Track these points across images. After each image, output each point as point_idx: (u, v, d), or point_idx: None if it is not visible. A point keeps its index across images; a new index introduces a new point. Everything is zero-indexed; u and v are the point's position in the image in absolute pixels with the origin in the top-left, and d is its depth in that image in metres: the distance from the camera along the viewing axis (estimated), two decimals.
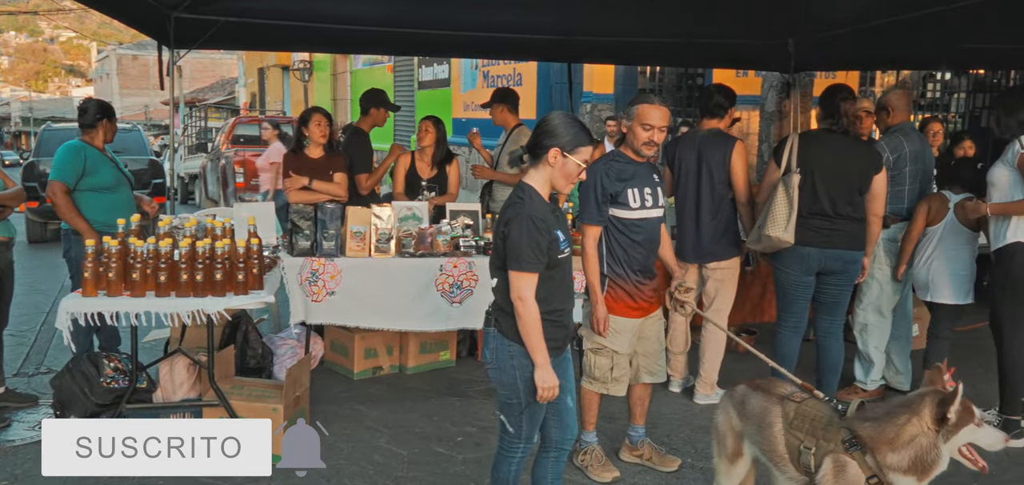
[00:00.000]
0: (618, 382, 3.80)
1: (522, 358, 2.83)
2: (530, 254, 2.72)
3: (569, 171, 2.82)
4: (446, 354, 5.51)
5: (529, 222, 2.73)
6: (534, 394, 2.84)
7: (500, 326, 2.86)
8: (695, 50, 7.00)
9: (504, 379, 2.88)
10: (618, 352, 3.73)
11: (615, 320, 3.69)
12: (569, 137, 2.80)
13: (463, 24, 6.09)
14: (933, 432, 2.55)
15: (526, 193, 2.82)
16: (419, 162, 5.69)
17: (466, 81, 13.47)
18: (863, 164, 4.23)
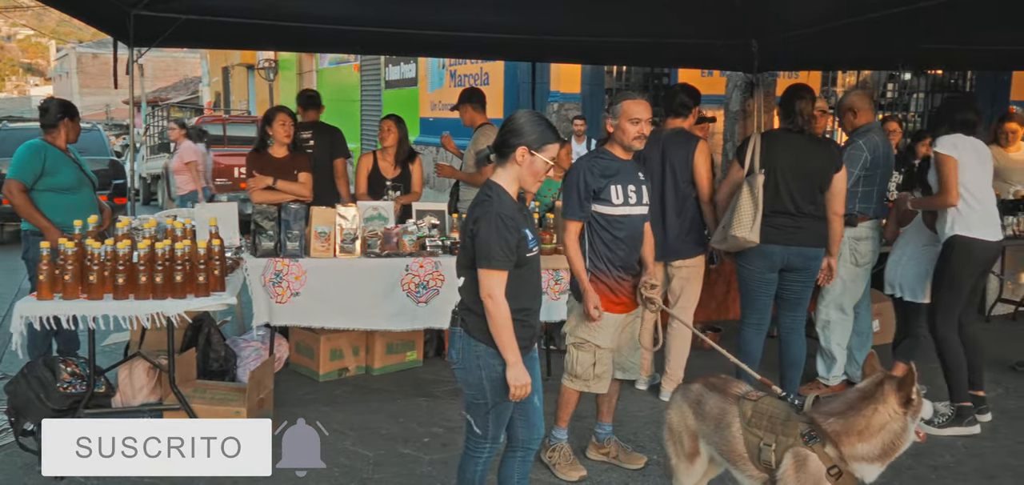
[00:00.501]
0: (600, 379, 3.80)
1: (488, 358, 2.82)
2: (500, 252, 2.71)
3: (537, 169, 2.82)
4: (413, 354, 5.48)
5: (498, 220, 2.72)
6: (500, 394, 2.84)
7: (466, 326, 2.85)
8: (661, 50, 7.06)
9: (470, 379, 2.88)
10: (601, 347, 3.73)
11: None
12: (536, 135, 2.80)
13: (430, 23, 6.07)
14: (903, 415, 2.63)
15: (494, 191, 2.81)
16: (382, 162, 5.66)
17: (433, 80, 13.43)
18: (823, 163, 4.29)
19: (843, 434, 2.66)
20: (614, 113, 3.67)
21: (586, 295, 3.64)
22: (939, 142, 4.28)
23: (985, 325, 6.67)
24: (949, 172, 4.21)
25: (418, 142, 12.99)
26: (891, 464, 2.72)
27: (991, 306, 6.83)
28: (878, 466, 2.66)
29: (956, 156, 4.21)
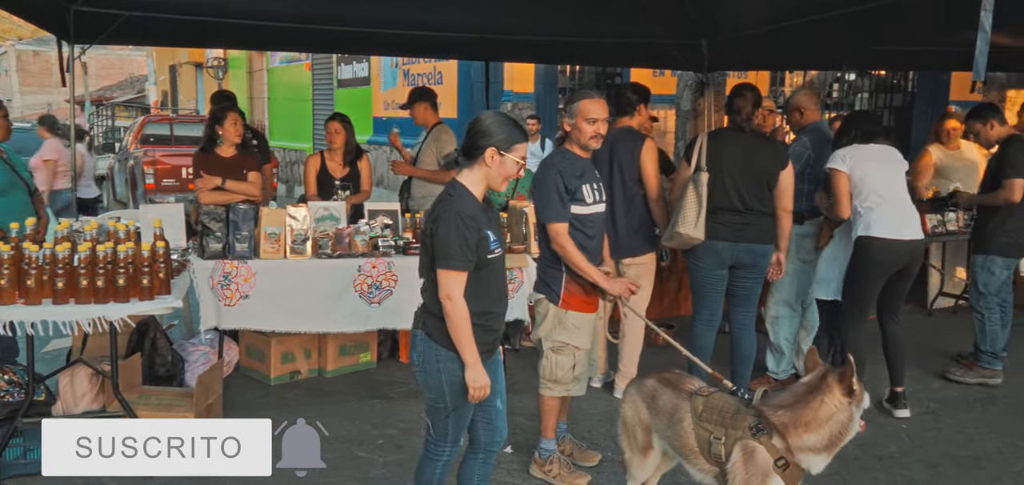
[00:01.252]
0: (578, 381, 3.79)
1: (449, 362, 2.79)
2: (458, 252, 2.67)
3: (507, 170, 2.79)
4: (367, 356, 5.42)
5: (457, 218, 2.68)
6: (461, 397, 2.81)
7: (427, 328, 2.82)
8: (613, 50, 7.11)
9: (430, 382, 2.85)
10: (579, 348, 3.73)
11: (574, 316, 3.69)
12: (504, 135, 2.77)
13: (382, 22, 6.01)
14: (849, 405, 2.70)
15: (457, 191, 2.77)
16: (329, 162, 5.59)
17: (386, 80, 13.32)
18: (770, 161, 4.37)
19: (791, 426, 2.71)
20: (570, 112, 3.68)
21: (609, 285, 3.65)
22: (832, 158, 4.43)
23: (927, 317, 6.88)
24: (839, 186, 4.39)
25: (372, 141, 12.89)
26: (838, 454, 2.79)
27: (933, 299, 7.03)
28: (824, 456, 2.72)
29: (846, 169, 4.37)
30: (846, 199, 4.41)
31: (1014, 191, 4.89)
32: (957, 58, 7.52)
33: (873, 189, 4.36)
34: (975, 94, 10.16)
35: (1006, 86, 10.94)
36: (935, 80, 11.23)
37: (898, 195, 4.41)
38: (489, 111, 2.92)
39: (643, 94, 4.79)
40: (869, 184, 4.36)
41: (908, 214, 4.41)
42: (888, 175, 4.40)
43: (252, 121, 19.56)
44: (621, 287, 3.65)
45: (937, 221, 6.17)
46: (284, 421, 4.44)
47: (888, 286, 4.48)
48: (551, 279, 3.69)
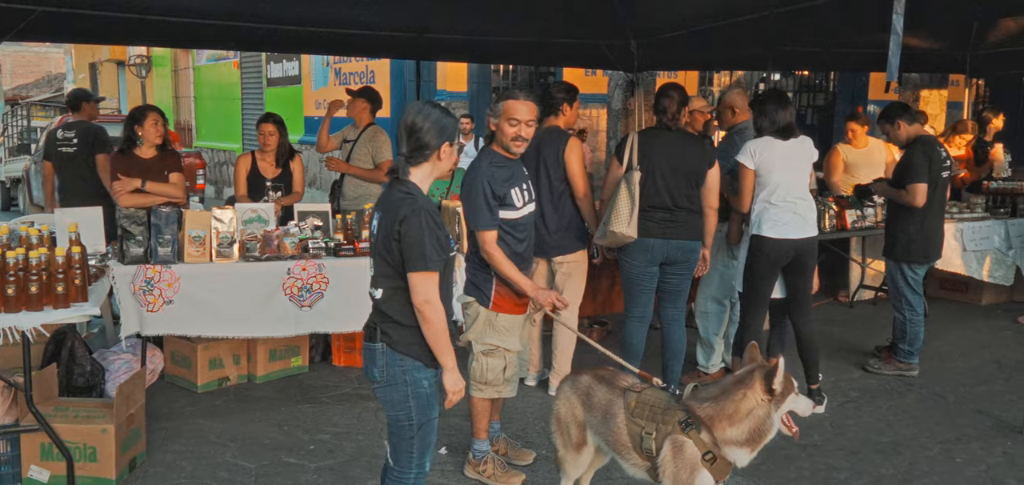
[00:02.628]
0: (509, 383, 3.77)
1: (415, 372, 2.71)
2: (434, 252, 2.60)
3: (455, 159, 2.79)
4: (298, 360, 5.32)
5: (428, 217, 2.61)
6: (425, 412, 2.75)
7: (390, 340, 2.71)
8: (545, 49, 7.14)
9: (395, 397, 2.75)
10: (510, 350, 3.71)
11: (505, 318, 3.68)
12: (450, 125, 2.74)
13: (311, 19, 5.89)
14: (767, 403, 2.75)
15: (415, 190, 2.69)
16: (261, 162, 5.47)
17: (317, 78, 13.12)
18: (697, 159, 4.45)
19: (715, 419, 2.77)
20: (495, 112, 3.64)
21: (537, 294, 3.60)
22: (742, 152, 4.49)
23: (849, 310, 7.13)
24: (745, 182, 4.48)
25: (304, 141, 12.66)
26: (766, 445, 2.85)
27: (854, 292, 7.29)
28: (747, 451, 2.78)
29: (752, 167, 4.44)
30: (749, 196, 4.50)
31: (916, 196, 5.06)
32: (873, 59, 7.85)
33: (773, 189, 4.43)
34: (890, 94, 10.57)
35: (920, 86, 11.42)
36: (854, 80, 11.65)
37: (797, 194, 4.45)
38: (416, 104, 2.82)
39: (570, 93, 4.79)
40: (771, 183, 4.44)
41: (802, 213, 4.46)
42: (791, 175, 4.45)
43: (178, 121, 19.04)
44: (549, 298, 3.60)
45: (856, 216, 6.41)
46: (214, 428, 4.36)
47: (788, 281, 4.61)
48: (481, 282, 3.67)
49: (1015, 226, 6.81)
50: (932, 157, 5.12)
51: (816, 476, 3.94)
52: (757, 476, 3.84)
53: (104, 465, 3.66)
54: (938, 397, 5.02)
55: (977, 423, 4.60)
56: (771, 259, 4.49)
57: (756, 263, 4.53)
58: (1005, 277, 6.86)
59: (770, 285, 4.58)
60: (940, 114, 11.64)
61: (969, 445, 4.31)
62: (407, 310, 2.66)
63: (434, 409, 2.81)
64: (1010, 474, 3.98)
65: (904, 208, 5.17)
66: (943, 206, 5.37)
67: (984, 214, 6.86)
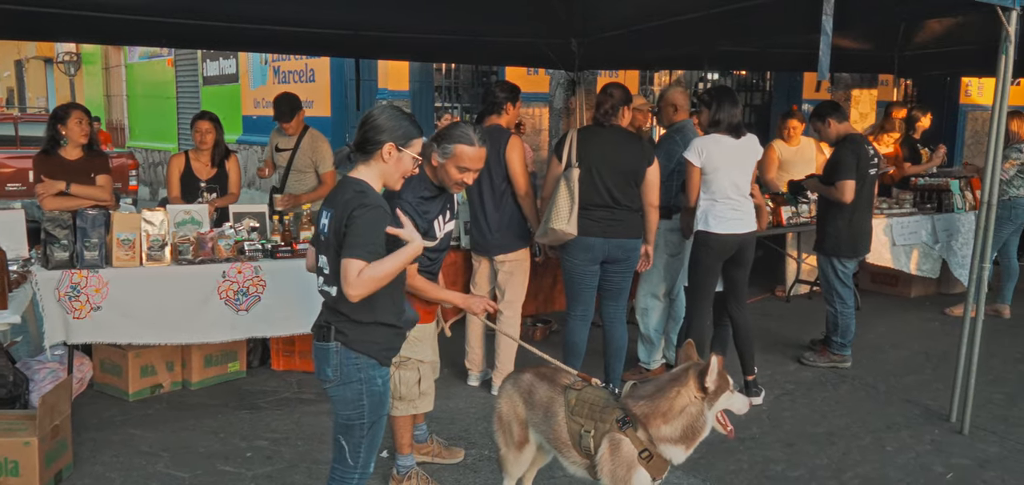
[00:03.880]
0: (426, 396, 3.71)
1: (370, 370, 2.69)
2: (372, 243, 2.52)
3: (405, 166, 2.70)
4: (235, 365, 5.19)
5: (384, 215, 2.56)
6: (377, 411, 2.73)
7: (344, 338, 2.66)
8: (487, 47, 7.12)
9: (348, 395, 2.71)
10: (424, 361, 3.66)
11: (417, 328, 3.55)
12: (402, 130, 2.67)
13: (248, 16, 5.75)
14: (700, 400, 2.77)
15: (364, 186, 2.64)
16: (195, 162, 5.32)
17: (255, 77, 12.83)
18: (635, 158, 4.48)
19: (650, 416, 2.79)
20: (443, 150, 3.25)
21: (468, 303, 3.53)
22: (689, 148, 4.56)
23: (785, 304, 7.29)
24: (692, 178, 4.56)
25: (242, 141, 12.39)
26: (704, 439, 2.87)
27: (790, 287, 7.46)
28: (682, 448, 2.79)
29: (699, 164, 4.52)
30: (696, 191, 4.57)
31: (844, 192, 5.20)
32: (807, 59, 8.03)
33: (718, 186, 4.52)
34: (822, 93, 10.87)
35: (851, 86, 11.74)
36: (789, 80, 11.91)
37: (740, 191, 4.57)
38: (383, 104, 2.81)
39: (511, 92, 4.78)
40: (716, 181, 4.52)
41: (744, 210, 4.60)
42: (736, 173, 4.54)
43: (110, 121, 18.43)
44: (481, 306, 3.55)
45: (792, 212, 6.56)
46: (146, 438, 4.22)
47: (728, 274, 4.71)
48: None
49: (941, 221, 7.06)
50: (860, 155, 5.26)
51: (754, 468, 4.02)
52: (696, 470, 3.89)
53: (27, 479, 3.50)
54: (870, 388, 5.17)
55: (906, 412, 4.75)
56: (716, 254, 4.58)
57: (702, 258, 4.61)
58: (932, 270, 7.11)
59: (715, 279, 4.67)
60: (870, 113, 12.00)
61: (899, 434, 4.44)
62: (362, 307, 2.62)
63: (386, 407, 2.80)
64: (937, 461, 4.12)
65: (834, 204, 5.31)
66: (871, 202, 5.53)
67: (912, 210, 7.10)
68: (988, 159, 4.24)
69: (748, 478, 3.92)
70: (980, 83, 12.86)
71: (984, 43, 4.55)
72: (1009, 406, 4.85)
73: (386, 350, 2.75)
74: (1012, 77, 4.11)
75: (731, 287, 4.75)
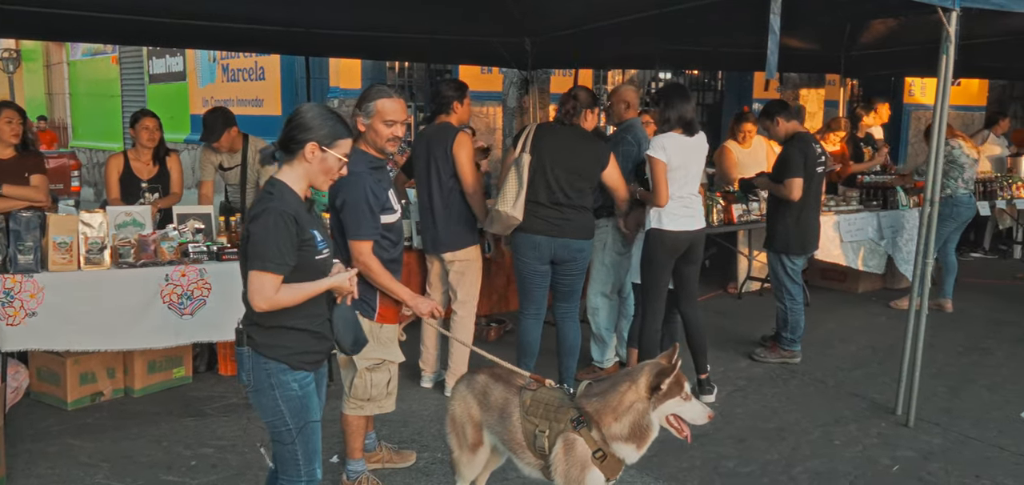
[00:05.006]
0: (391, 396, 3.66)
1: (281, 375, 2.60)
2: (276, 253, 2.47)
3: (329, 166, 2.61)
4: (181, 371, 5.05)
5: (278, 217, 2.48)
6: (301, 415, 2.63)
7: (254, 343, 2.59)
8: (440, 46, 7.06)
9: (265, 404, 2.63)
10: (394, 362, 3.61)
11: (389, 329, 3.56)
12: (327, 130, 2.59)
13: (195, 12, 5.58)
14: (646, 400, 2.74)
15: (276, 189, 2.56)
16: (134, 162, 5.16)
17: (204, 75, 12.55)
18: (589, 160, 4.45)
19: (602, 413, 2.77)
20: (366, 111, 3.39)
21: (416, 304, 3.49)
22: (653, 145, 4.54)
23: (737, 301, 7.38)
24: (660, 174, 4.51)
25: (190, 141, 12.12)
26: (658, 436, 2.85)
27: (742, 284, 7.55)
28: (634, 447, 2.77)
29: (665, 159, 4.50)
30: (665, 187, 4.53)
31: (792, 190, 5.27)
32: (757, 59, 8.14)
33: (673, 184, 4.53)
34: (771, 92, 11.04)
35: (799, 85, 11.96)
36: (741, 79, 12.08)
37: (692, 190, 4.62)
38: (311, 103, 2.74)
39: (459, 90, 4.74)
40: (673, 179, 4.54)
41: (694, 207, 4.65)
42: (691, 171, 4.59)
43: (53, 120, 17.86)
44: (428, 307, 3.52)
45: (743, 210, 6.64)
46: (85, 448, 4.07)
47: (679, 271, 4.74)
48: (363, 292, 3.44)
49: (886, 217, 7.21)
50: (807, 153, 5.34)
51: (706, 465, 4.04)
52: (649, 468, 3.89)
53: None
54: (819, 382, 5.25)
55: (854, 406, 4.83)
56: (670, 251, 4.60)
57: (655, 255, 4.61)
58: (878, 266, 7.26)
59: (668, 276, 4.68)
60: (818, 112, 12.23)
61: (847, 427, 4.51)
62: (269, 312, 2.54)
63: (311, 412, 2.69)
64: (884, 454, 4.19)
65: (783, 202, 5.38)
66: (819, 200, 5.62)
67: (859, 207, 7.24)
68: (930, 157, 4.33)
69: (700, 475, 3.94)
70: (923, 83, 13.22)
71: (926, 43, 4.65)
72: (951, 398, 4.97)
73: (299, 354, 2.64)
74: (953, 77, 4.20)
75: (682, 285, 4.77)
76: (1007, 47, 6.30)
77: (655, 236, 4.61)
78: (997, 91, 14.24)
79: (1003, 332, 6.36)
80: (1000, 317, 6.79)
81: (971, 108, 13.84)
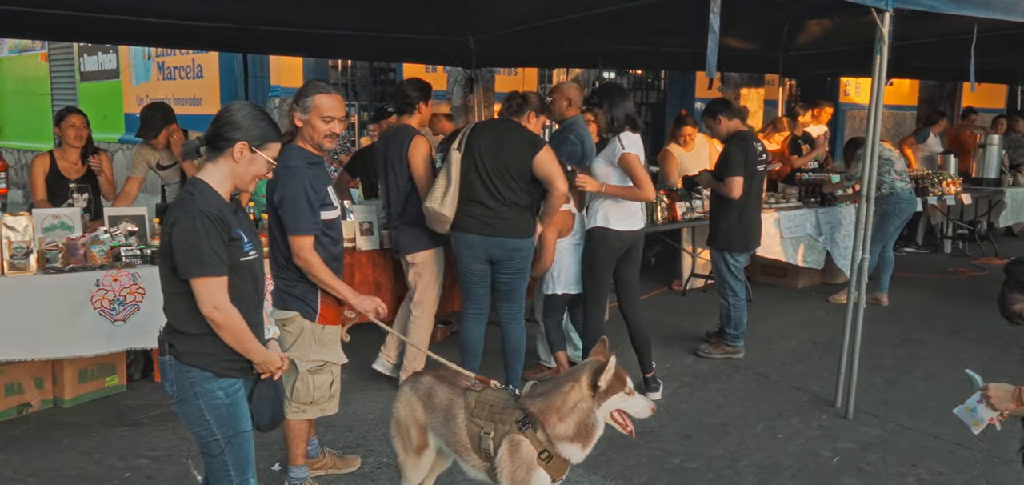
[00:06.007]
0: (334, 398, 3.59)
1: (205, 383, 2.50)
2: (210, 256, 2.39)
3: (257, 168, 2.54)
4: (114, 379, 4.87)
5: (201, 218, 2.39)
6: (228, 425, 2.54)
7: (176, 351, 2.49)
8: (383, 44, 6.97)
9: (191, 414, 2.54)
10: (337, 363, 3.54)
11: (331, 330, 3.48)
12: (258, 131, 2.52)
13: (128, 8, 5.38)
14: (590, 398, 2.74)
15: (197, 188, 2.48)
16: (61, 162, 4.96)
17: (138, 73, 12.17)
18: (521, 150, 4.34)
19: (546, 413, 2.75)
20: (303, 107, 3.33)
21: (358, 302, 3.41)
22: (626, 142, 4.54)
23: (681, 298, 7.46)
24: (641, 169, 4.52)
25: (125, 141, 11.74)
26: (604, 434, 2.84)
27: (686, 281, 7.64)
28: (579, 447, 2.76)
29: (637, 152, 4.54)
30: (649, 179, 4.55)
31: (733, 188, 5.34)
32: (698, 58, 8.26)
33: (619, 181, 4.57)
34: (713, 92, 11.21)
35: (739, 85, 12.18)
36: (683, 79, 12.25)
37: None
38: (242, 102, 2.65)
39: (423, 90, 4.71)
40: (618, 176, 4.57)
41: (636, 206, 4.70)
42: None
43: None
44: (371, 306, 3.44)
45: (686, 208, 6.71)
46: (10, 462, 3.88)
47: (619, 273, 4.76)
48: (304, 293, 3.41)
49: (824, 214, 7.38)
50: (748, 152, 5.41)
51: (653, 462, 4.06)
52: (596, 467, 3.89)
53: None
54: (762, 377, 5.33)
55: (796, 399, 4.92)
56: (614, 251, 4.61)
57: (599, 255, 4.62)
58: (817, 261, 7.42)
59: (610, 276, 4.69)
60: (758, 111, 12.48)
61: (789, 421, 4.59)
62: (187, 318, 2.47)
63: (240, 420, 2.60)
64: (825, 446, 4.27)
65: (725, 200, 5.45)
66: (760, 198, 5.71)
67: (798, 204, 7.39)
68: (867, 156, 4.43)
69: (647, 472, 3.95)
70: (857, 83, 13.60)
71: (860, 44, 4.77)
72: (888, 390, 5.10)
73: (224, 361, 2.54)
74: (886, 77, 4.30)
75: (623, 286, 4.80)
76: (937, 48, 6.51)
77: (599, 235, 4.61)
78: (928, 91, 14.75)
79: (936, 325, 6.56)
80: (933, 310, 7.01)
81: (903, 108, 14.30)
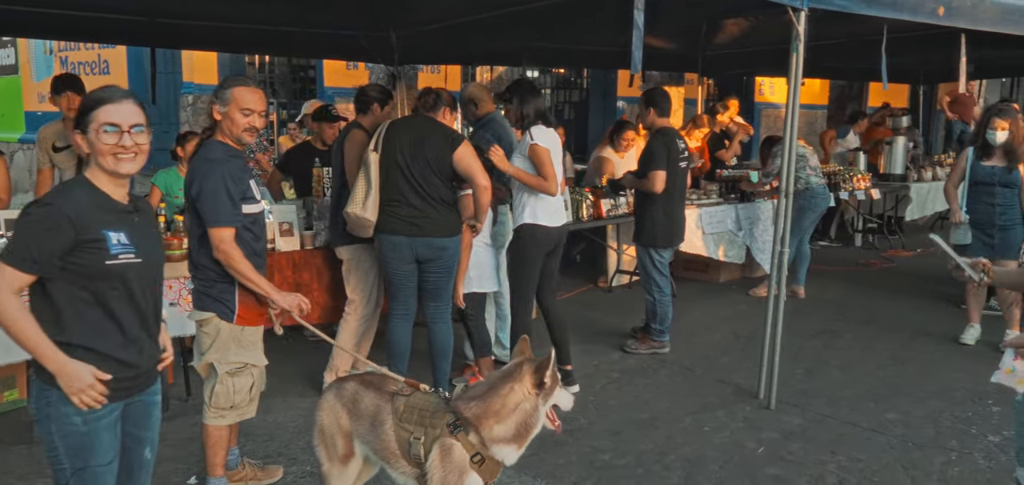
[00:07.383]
0: (254, 401, 3.47)
1: (60, 405, 2.23)
2: (24, 248, 2.16)
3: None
4: (14, 393, 4.57)
5: (47, 214, 2.19)
6: (79, 457, 2.27)
7: (36, 366, 2.25)
8: (302, 39, 6.78)
9: (43, 436, 2.29)
10: (258, 366, 3.41)
11: (251, 331, 3.36)
12: None
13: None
14: (535, 396, 2.70)
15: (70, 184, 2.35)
16: None
17: (40, 68, 11.53)
18: (440, 145, 4.27)
19: (482, 417, 2.69)
20: (222, 99, 3.26)
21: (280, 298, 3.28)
22: (534, 133, 4.54)
23: (607, 294, 7.52)
24: (547, 162, 4.53)
25: (25, 140, 11.11)
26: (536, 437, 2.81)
27: (612, 277, 7.70)
28: (515, 448, 2.72)
29: (547, 145, 4.54)
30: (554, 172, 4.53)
31: (655, 182, 5.41)
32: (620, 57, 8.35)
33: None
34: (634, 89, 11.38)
35: (661, 83, 12.38)
36: (605, 77, 12.39)
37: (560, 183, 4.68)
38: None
39: (383, 93, 4.80)
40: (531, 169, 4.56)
41: (559, 203, 4.75)
42: (557, 164, 4.63)
43: None
44: (294, 302, 3.33)
45: (611, 205, 6.76)
46: None
47: (543, 266, 4.77)
48: (221, 293, 3.28)
49: (743, 210, 7.56)
50: (670, 147, 5.48)
51: (582, 459, 4.05)
52: (527, 467, 3.85)
53: None
54: (687, 371, 5.41)
55: (720, 392, 5.00)
56: (542, 246, 4.59)
57: (528, 251, 4.60)
58: (738, 256, 7.60)
59: (539, 268, 4.68)
60: (679, 110, 12.73)
61: (715, 413, 4.66)
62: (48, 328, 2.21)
63: (96, 454, 2.29)
64: (749, 437, 4.35)
65: (649, 197, 5.51)
66: (684, 194, 5.80)
67: (719, 200, 7.55)
68: (785, 152, 4.54)
69: (578, 470, 3.94)
70: (772, 83, 14.03)
71: (776, 44, 4.87)
72: (808, 380, 5.24)
73: None
74: (801, 75, 4.41)
75: (544, 279, 4.82)
76: (847, 48, 6.74)
77: (528, 231, 4.59)
78: (837, 90, 15.34)
79: (850, 315, 6.80)
80: (847, 301, 7.27)
81: (814, 107, 14.82)
